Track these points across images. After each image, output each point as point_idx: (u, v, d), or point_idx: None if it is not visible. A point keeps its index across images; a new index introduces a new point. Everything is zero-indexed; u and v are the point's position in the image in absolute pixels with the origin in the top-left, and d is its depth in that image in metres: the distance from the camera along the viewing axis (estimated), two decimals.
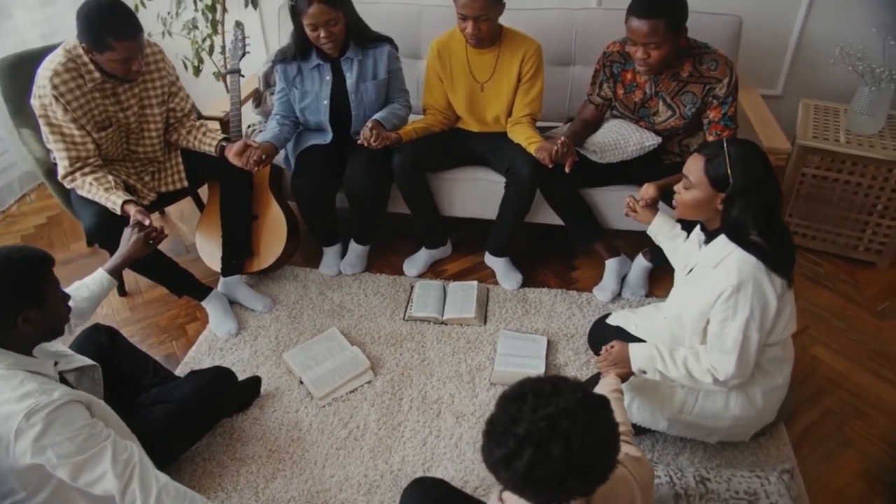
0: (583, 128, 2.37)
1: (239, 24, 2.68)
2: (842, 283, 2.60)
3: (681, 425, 1.81)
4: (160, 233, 2.01)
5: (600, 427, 1.01)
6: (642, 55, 2.08)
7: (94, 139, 2.14)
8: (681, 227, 1.95)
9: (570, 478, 0.97)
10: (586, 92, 2.43)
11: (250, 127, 2.75)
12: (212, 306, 2.39)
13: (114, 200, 2.07)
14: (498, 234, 2.55)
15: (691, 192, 1.64)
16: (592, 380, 1.90)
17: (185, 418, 1.80)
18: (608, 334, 1.96)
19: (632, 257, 2.54)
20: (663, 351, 1.69)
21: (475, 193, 2.55)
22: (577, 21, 2.66)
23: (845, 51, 2.51)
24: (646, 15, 2.00)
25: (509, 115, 2.45)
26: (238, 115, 2.45)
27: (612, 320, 2.05)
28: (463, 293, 2.47)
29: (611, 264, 2.52)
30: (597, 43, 2.39)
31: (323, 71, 2.40)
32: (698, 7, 2.18)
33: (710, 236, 1.67)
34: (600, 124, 2.42)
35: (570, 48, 2.69)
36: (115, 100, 2.18)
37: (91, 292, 1.81)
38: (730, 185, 1.55)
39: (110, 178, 2.13)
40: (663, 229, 1.99)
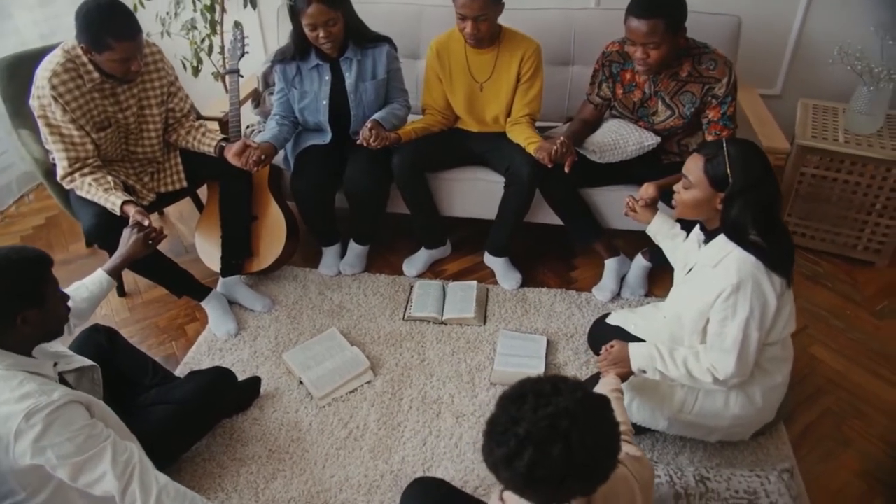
0: (582, 128, 2.38)
1: (238, 25, 2.68)
2: (841, 283, 2.60)
3: (681, 424, 1.81)
4: (159, 233, 2.00)
5: (601, 427, 1.01)
6: (641, 55, 2.08)
7: (94, 139, 2.14)
8: (680, 227, 1.95)
9: (571, 477, 0.97)
10: (585, 92, 2.44)
11: (249, 127, 2.75)
12: (211, 307, 2.39)
13: (113, 201, 2.07)
14: (497, 234, 2.55)
15: (691, 191, 1.64)
16: (592, 379, 1.90)
17: (184, 419, 1.80)
18: (608, 334, 1.96)
19: (631, 257, 2.54)
20: (663, 350, 1.69)
21: (474, 193, 2.55)
22: (576, 21, 2.67)
23: (844, 50, 2.52)
24: (645, 15, 2.00)
25: (508, 114, 2.45)
26: (237, 116, 2.45)
27: (611, 320, 2.05)
28: (462, 293, 2.47)
29: (610, 264, 2.52)
30: (596, 43, 2.39)
31: (322, 71, 2.40)
32: (697, 7, 2.19)
33: (710, 236, 1.68)
34: (599, 124, 2.42)
35: (569, 48, 2.69)
36: (115, 100, 2.18)
37: (90, 293, 1.81)
38: (729, 184, 1.56)
39: (109, 179, 2.13)
40: (662, 229, 1.99)
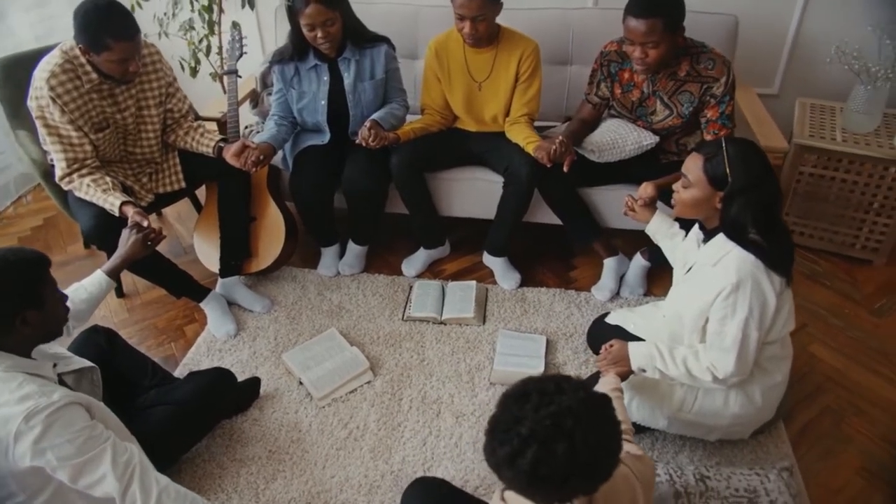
0: (581, 127, 2.38)
1: (236, 25, 2.68)
2: (839, 281, 2.61)
3: (680, 423, 1.82)
4: (158, 234, 2.00)
5: (603, 425, 1.01)
6: (640, 55, 2.08)
7: (92, 140, 2.13)
8: (679, 226, 1.95)
9: (574, 476, 0.97)
10: (584, 91, 2.44)
11: (247, 128, 2.74)
12: (210, 307, 2.39)
13: (111, 202, 2.07)
14: (496, 234, 2.55)
15: (690, 190, 1.64)
16: (592, 379, 1.90)
17: (184, 420, 1.80)
18: (607, 333, 1.96)
19: (630, 256, 2.54)
20: (662, 349, 1.69)
21: (473, 193, 2.55)
22: (573, 21, 2.67)
23: (841, 50, 2.52)
24: (643, 14, 2.00)
25: (507, 114, 2.45)
26: (235, 116, 2.45)
27: (610, 319, 2.06)
28: (462, 293, 2.47)
29: (609, 263, 2.52)
30: (594, 42, 2.40)
31: (320, 71, 2.39)
32: (695, 6, 2.19)
33: (709, 235, 1.68)
34: (598, 124, 2.42)
35: (568, 48, 2.70)
36: (113, 101, 2.17)
37: (89, 294, 1.81)
38: (728, 183, 1.56)
39: (108, 180, 2.13)
40: (662, 228, 1.99)
